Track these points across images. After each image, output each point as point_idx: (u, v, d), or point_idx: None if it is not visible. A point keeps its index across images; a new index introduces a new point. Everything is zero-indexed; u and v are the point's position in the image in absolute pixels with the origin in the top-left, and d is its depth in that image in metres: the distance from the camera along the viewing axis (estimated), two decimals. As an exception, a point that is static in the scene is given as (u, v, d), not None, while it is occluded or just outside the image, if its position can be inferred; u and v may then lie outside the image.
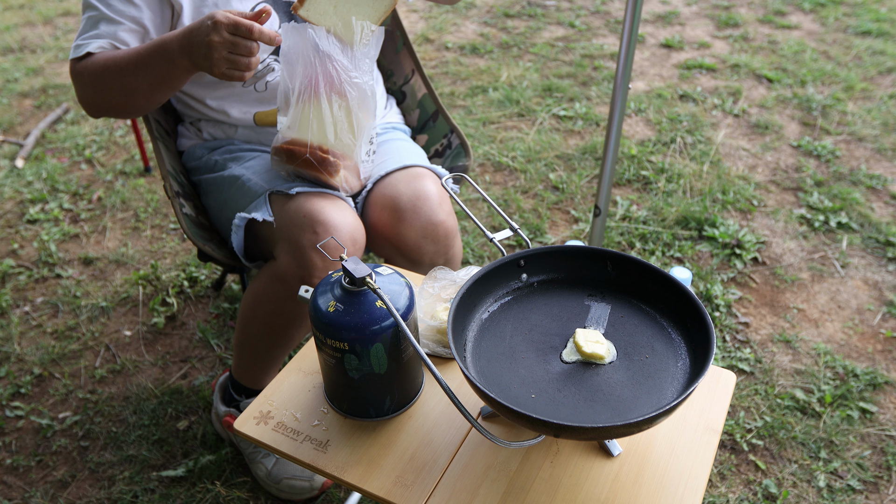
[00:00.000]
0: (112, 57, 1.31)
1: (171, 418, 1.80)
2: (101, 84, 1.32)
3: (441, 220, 1.42)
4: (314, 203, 1.32)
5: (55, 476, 1.68)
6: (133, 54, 1.30)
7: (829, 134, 2.92)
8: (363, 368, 0.97)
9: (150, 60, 1.28)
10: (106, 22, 1.34)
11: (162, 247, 2.39)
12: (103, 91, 1.34)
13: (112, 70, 1.30)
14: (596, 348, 0.98)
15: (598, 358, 0.98)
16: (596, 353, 0.98)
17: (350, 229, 1.33)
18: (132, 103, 1.36)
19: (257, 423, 1.04)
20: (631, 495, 0.93)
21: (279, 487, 1.57)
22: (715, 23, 3.98)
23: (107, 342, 2.04)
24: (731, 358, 1.92)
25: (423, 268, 1.44)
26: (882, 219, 2.42)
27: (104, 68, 1.32)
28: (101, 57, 1.32)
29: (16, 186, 2.72)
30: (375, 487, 0.95)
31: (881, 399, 1.81)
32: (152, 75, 1.29)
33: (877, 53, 3.57)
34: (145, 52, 1.29)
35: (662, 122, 2.99)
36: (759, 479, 1.64)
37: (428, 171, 1.48)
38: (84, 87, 1.35)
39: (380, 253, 1.53)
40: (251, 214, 1.35)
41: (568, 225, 2.44)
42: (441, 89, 3.31)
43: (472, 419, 0.87)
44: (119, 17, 1.34)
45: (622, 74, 1.60)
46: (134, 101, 1.36)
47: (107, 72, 1.31)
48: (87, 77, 1.33)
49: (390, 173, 1.47)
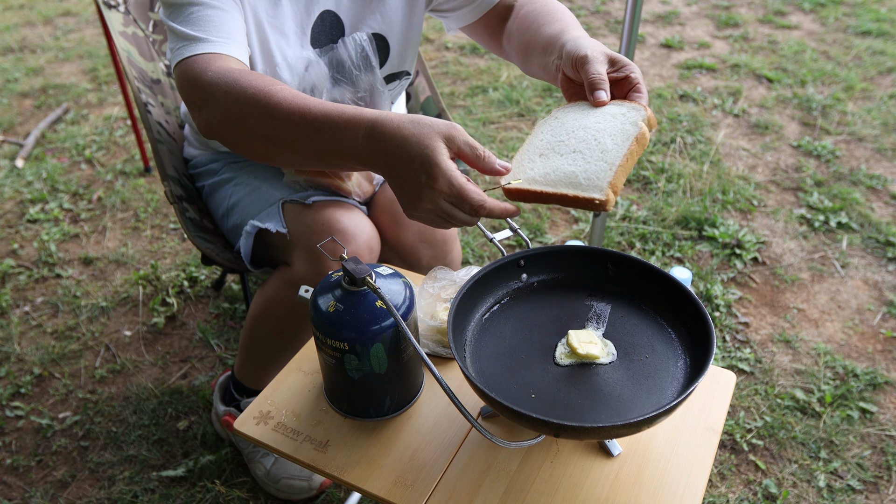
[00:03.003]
0: (266, 92, 0.98)
1: (171, 418, 1.80)
2: (241, 115, 1.01)
3: None
4: (331, 212, 1.32)
5: (55, 476, 1.68)
6: (297, 109, 0.96)
7: (829, 134, 2.92)
8: (363, 368, 0.97)
9: (322, 136, 0.95)
10: (220, 13, 1.08)
11: (162, 247, 2.39)
12: (240, 124, 1.02)
13: (263, 107, 0.98)
14: (590, 349, 0.98)
15: (593, 358, 0.98)
16: (590, 353, 0.97)
17: (367, 237, 1.33)
18: (265, 156, 1.07)
19: (257, 423, 1.04)
20: (631, 495, 0.93)
21: (278, 487, 1.57)
22: (715, 23, 3.97)
23: (107, 342, 2.04)
24: (731, 358, 1.92)
25: (421, 271, 1.44)
26: (882, 219, 2.42)
27: (254, 99, 0.99)
28: (248, 80, 1.00)
29: (16, 186, 2.72)
30: (375, 487, 0.95)
31: (881, 399, 1.81)
32: (316, 152, 0.98)
33: (877, 53, 3.57)
34: (316, 118, 0.95)
35: (662, 122, 2.99)
36: (759, 479, 1.64)
37: None
38: (217, 101, 1.02)
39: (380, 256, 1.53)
40: (264, 224, 1.33)
41: (568, 225, 2.44)
42: (441, 89, 3.31)
43: (472, 419, 0.87)
44: (231, 10, 1.11)
45: (622, 74, 1.60)
46: (270, 156, 1.06)
47: (256, 105, 0.98)
48: (226, 94, 1.01)
49: None
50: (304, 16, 1.28)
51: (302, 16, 1.28)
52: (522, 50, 1.22)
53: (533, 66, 1.19)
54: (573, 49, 1.03)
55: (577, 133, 0.97)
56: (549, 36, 1.13)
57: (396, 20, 1.36)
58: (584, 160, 0.93)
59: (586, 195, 0.88)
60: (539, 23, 1.19)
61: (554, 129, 0.99)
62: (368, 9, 1.33)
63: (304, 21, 1.28)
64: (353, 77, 1.30)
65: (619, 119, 0.97)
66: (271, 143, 1.01)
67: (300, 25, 1.28)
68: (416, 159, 0.87)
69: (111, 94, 3.40)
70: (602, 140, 0.94)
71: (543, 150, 0.96)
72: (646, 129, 0.95)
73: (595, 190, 0.88)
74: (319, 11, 1.29)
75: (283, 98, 0.98)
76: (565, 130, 0.98)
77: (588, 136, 0.95)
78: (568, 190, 0.89)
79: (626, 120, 0.96)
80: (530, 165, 0.95)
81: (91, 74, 3.59)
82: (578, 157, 0.93)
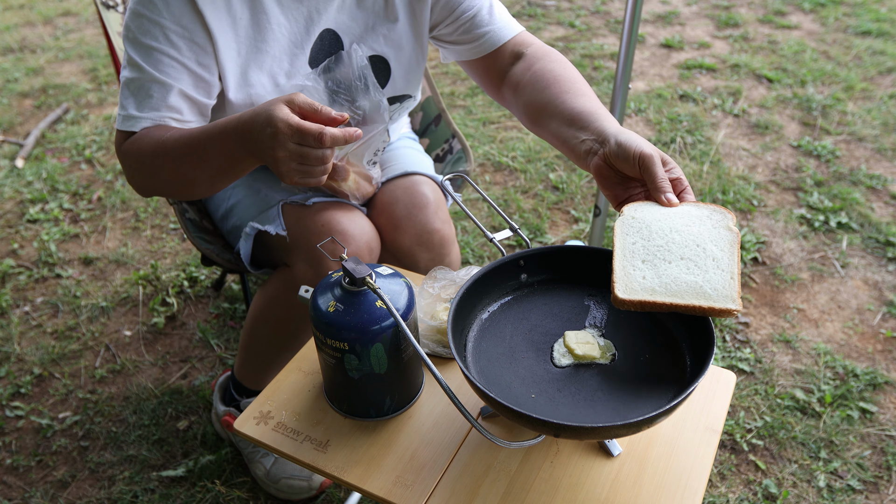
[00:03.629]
0: (160, 143, 1.14)
1: (171, 418, 1.80)
2: (150, 172, 1.18)
3: (436, 228, 1.42)
4: (331, 213, 1.32)
5: (55, 476, 1.68)
6: (185, 142, 1.12)
7: (829, 134, 2.92)
8: (363, 368, 0.97)
9: (208, 152, 1.10)
10: (158, 86, 1.17)
11: (162, 247, 2.39)
12: (154, 179, 1.20)
13: (161, 157, 1.14)
14: (588, 350, 0.98)
15: (592, 359, 0.98)
16: (588, 354, 0.98)
17: (367, 238, 1.33)
18: (189, 192, 1.22)
19: (257, 423, 1.04)
20: (631, 495, 0.93)
21: (278, 487, 1.57)
22: (715, 23, 3.98)
23: (107, 342, 2.04)
24: (731, 358, 1.92)
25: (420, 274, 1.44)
26: (882, 219, 2.42)
27: (153, 155, 1.14)
28: (148, 140, 1.15)
29: (16, 186, 2.72)
30: (375, 487, 0.95)
31: (881, 399, 1.81)
32: (212, 168, 1.13)
33: (877, 53, 3.57)
34: (200, 141, 1.10)
35: (662, 122, 2.99)
36: (759, 479, 1.64)
37: (427, 179, 1.47)
38: (131, 171, 1.20)
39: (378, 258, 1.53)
40: (264, 227, 1.33)
41: (568, 225, 2.44)
42: (441, 89, 3.31)
43: (472, 419, 0.87)
44: (171, 80, 1.17)
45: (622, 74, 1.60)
46: (191, 191, 1.21)
47: (156, 160, 1.15)
48: (133, 162, 1.18)
49: (390, 180, 1.47)
50: (304, 35, 1.26)
51: (301, 35, 1.26)
52: (534, 110, 1.21)
53: (546, 131, 1.18)
54: (629, 144, 1.02)
55: (673, 238, 0.98)
56: (578, 111, 1.13)
57: (401, 44, 1.34)
58: (698, 269, 0.95)
59: (722, 307, 0.90)
60: (561, 89, 1.18)
61: (642, 231, 0.99)
62: (372, 30, 1.31)
63: (302, 40, 1.26)
64: (353, 91, 1.27)
65: (708, 223, 1.00)
66: (182, 181, 1.17)
67: (298, 45, 1.26)
68: (264, 122, 1.00)
69: (111, 94, 3.40)
70: (706, 247, 0.97)
71: (645, 257, 0.97)
72: (738, 232, 1.00)
73: (728, 300, 0.91)
74: (319, 31, 1.27)
75: (171, 138, 1.13)
76: (658, 234, 0.99)
77: (688, 242, 0.97)
78: (699, 301, 0.91)
79: (717, 224, 1.00)
80: (640, 274, 0.96)
81: (91, 74, 3.59)
82: (691, 264, 0.95)
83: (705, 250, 0.97)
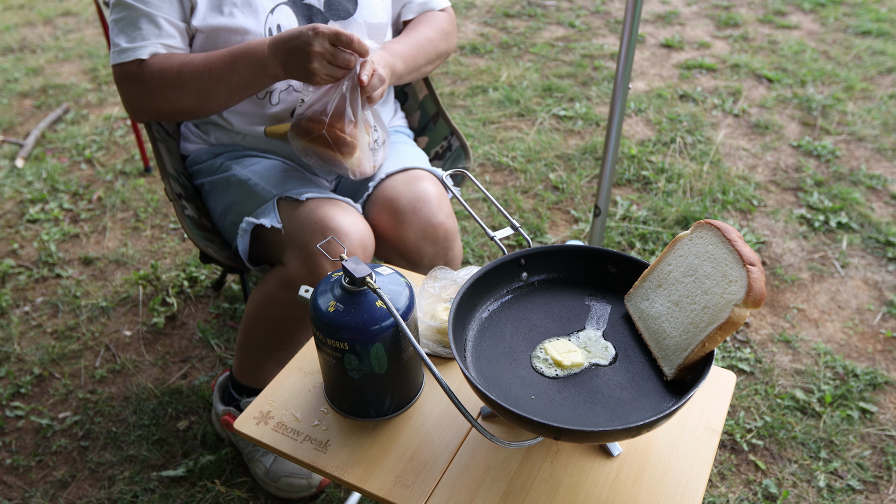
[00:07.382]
0: (188, 62, 1.30)
1: (171, 418, 1.80)
2: (173, 88, 1.31)
3: (440, 222, 1.42)
4: (324, 209, 1.32)
5: (55, 476, 1.68)
6: (216, 59, 1.29)
7: (829, 134, 2.92)
8: (363, 368, 0.97)
9: (237, 66, 1.28)
10: (147, 20, 1.32)
11: (162, 247, 2.39)
12: (173, 95, 1.33)
13: (189, 75, 1.30)
14: (574, 357, 0.98)
15: (579, 366, 0.98)
16: (576, 362, 0.97)
17: (360, 235, 1.33)
18: (204, 108, 1.37)
19: (257, 423, 1.04)
20: (631, 495, 0.93)
21: (277, 486, 1.57)
22: (715, 23, 3.98)
23: (107, 342, 2.04)
24: (731, 358, 1.92)
25: (423, 269, 1.44)
26: (882, 219, 2.42)
27: (178, 73, 1.30)
28: (172, 61, 1.31)
29: (16, 186, 2.72)
30: (375, 487, 0.95)
31: (881, 399, 1.81)
32: (235, 81, 1.30)
33: (877, 53, 3.57)
34: (231, 57, 1.29)
35: (662, 122, 2.99)
36: (759, 479, 1.64)
37: (428, 174, 1.47)
38: (146, 91, 1.33)
39: (380, 255, 1.53)
40: (259, 220, 1.34)
41: (568, 225, 2.44)
42: (441, 89, 3.31)
43: (472, 419, 0.87)
44: (158, 12, 1.32)
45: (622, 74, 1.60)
46: (207, 106, 1.36)
47: (182, 77, 1.30)
48: (153, 82, 1.31)
49: (390, 175, 1.47)
50: None
51: None
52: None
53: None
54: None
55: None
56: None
57: None
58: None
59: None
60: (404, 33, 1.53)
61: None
62: None
63: None
64: (325, 14, 1.41)
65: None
66: (202, 95, 1.32)
67: None
68: (305, 29, 1.21)
69: (111, 94, 3.40)
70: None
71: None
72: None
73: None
74: None
75: (198, 56, 1.31)
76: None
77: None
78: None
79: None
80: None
81: (91, 74, 3.59)
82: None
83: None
